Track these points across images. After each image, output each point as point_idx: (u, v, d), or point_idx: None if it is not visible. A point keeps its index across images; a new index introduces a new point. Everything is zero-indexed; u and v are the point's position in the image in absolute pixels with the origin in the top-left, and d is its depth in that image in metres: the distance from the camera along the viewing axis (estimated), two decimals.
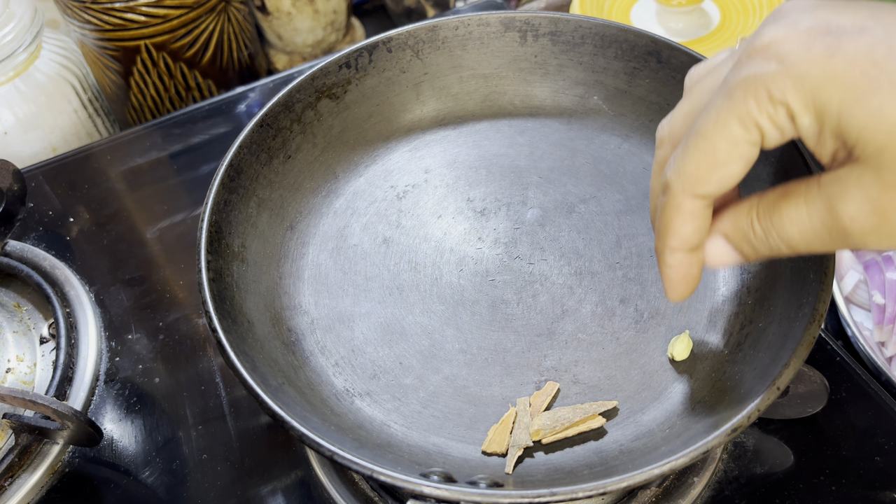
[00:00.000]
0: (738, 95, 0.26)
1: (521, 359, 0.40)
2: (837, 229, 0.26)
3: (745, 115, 0.26)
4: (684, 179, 0.28)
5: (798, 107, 0.25)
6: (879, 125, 0.24)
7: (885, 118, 0.24)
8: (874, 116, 0.24)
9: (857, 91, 0.24)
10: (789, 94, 0.25)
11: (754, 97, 0.26)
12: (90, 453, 0.46)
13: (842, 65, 0.24)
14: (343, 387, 0.39)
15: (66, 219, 0.58)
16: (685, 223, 0.29)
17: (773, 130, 0.26)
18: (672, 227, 0.30)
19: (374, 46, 0.49)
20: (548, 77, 0.50)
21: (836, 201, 0.26)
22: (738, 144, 0.27)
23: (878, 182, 0.25)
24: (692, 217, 0.29)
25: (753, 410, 0.32)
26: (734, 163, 0.27)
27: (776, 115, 0.26)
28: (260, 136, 0.45)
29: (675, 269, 0.31)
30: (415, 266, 0.44)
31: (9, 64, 0.64)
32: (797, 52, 0.25)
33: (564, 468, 0.36)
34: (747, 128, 0.26)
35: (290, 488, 0.43)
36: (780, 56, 0.25)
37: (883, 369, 0.46)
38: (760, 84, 0.25)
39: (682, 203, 0.29)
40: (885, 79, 0.24)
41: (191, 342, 0.50)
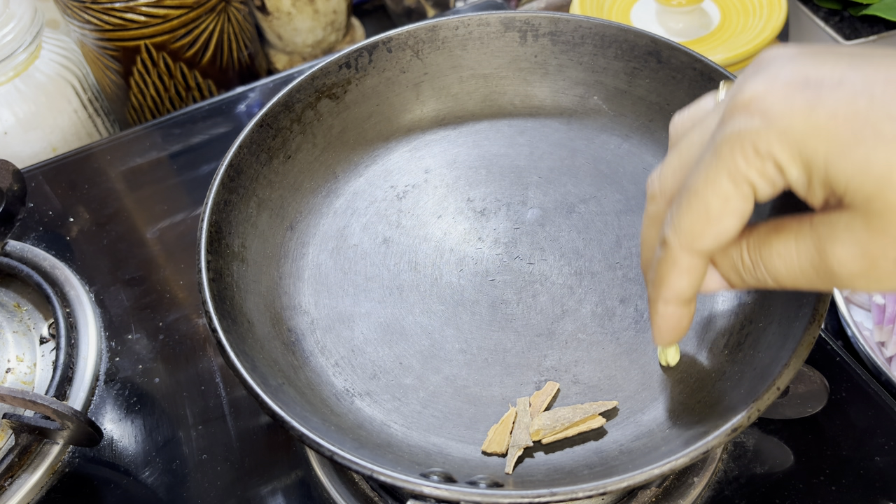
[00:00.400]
0: (726, 152, 0.26)
1: (521, 359, 0.40)
2: (825, 270, 0.26)
3: (734, 171, 0.26)
4: (681, 236, 0.29)
5: (785, 160, 0.25)
6: (866, 176, 0.24)
7: (871, 169, 0.24)
8: (860, 167, 0.24)
9: (842, 143, 0.24)
10: (775, 149, 0.25)
11: (741, 153, 0.26)
12: (90, 453, 0.46)
13: (824, 117, 0.24)
14: (343, 387, 0.39)
15: (66, 219, 0.58)
16: (681, 278, 0.30)
17: (763, 184, 0.27)
18: (668, 280, 0.30)
19: (374, 46, 0.49)
20: (548, 77, 0.50)
21: (825, 243, 0.26)
22: (730, 200, 0.27)
23: (868, 229, 0.25)
24: (688, 272, 0.30)
25: (753, 410, 0.32)
26: (728, 218, 0.28)
27: (765, 169, 0.26)
28: (260, 136, 0.45)
29: (666, 319, 0.32)
30: (415, 266, 0.44)
31: (9, 64, 0.65)
32: (779, 107, 0.25)
33: (564, 468, 0.36)
34: (737, 183, 0.27)
35: (290, 488, 0.43)
36: (762, 111, 0.25)
37: (883, 369, 0.46)
38: (746, 140, 0.26)
39: (680, 259, 0.30)
40: (869, 129, 0.24)
41: (191, 342, 0.50)
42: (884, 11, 0.66)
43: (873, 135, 0.24)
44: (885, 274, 0.25)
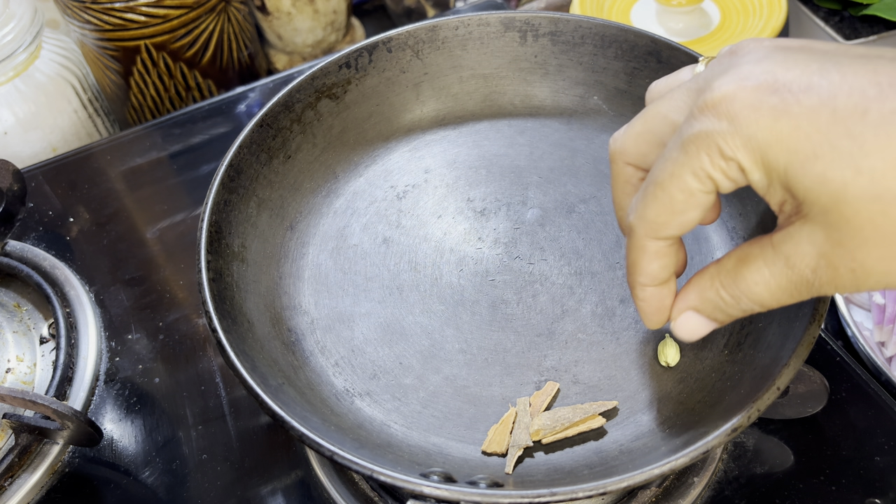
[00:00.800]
0: (692, 150, 0.27)
1: (521, 359, 0.40)
2: (802, 283, 0.28)
3: (698, 169, 0.27)
4: (646, 224, 0.30)
5: (748, 164, 0.26)
6: (823, 189, 0.25)
7: (828, 183, 0.25)
8: (818, 181, 0.25)
9: (801, 155, 0.25)
10: (739, 153, 0.26)
11: (707, 153, 0.27)
12: (90, 453, 0.46)
13: (787, 128, 0.25)
14: (343, 387, 0.39)
15: (66, 219, 0.58)
16: (651, 262, 0.31)
17: (725, 181, 0.28)
18: (639, 265, 0.32)
19: (374, 46, 0.49)
20: (548, 77, 0.50)
21: (794, 259, 0.27)
22: (694, 195, 0.28)
23: (827, 240, 0.26)
24: (657, 256, 0.31)
25: (753, 410, 0.32)
26: (691, 211, 0.29)
27: (728, 170, 0.27)
28: (260, 136, 0.45)
29: (647, 301, 0.33)
30: (415, 266, 0.44)
31: (9, 64, 0.65)
32: (746, 114, 0.26)
33: (564, 468, 0.36)
34: (701, 180, 0.28)
35: (290, 488, 0.43)
36: (730, 115, 0.26)
37: (883, 369, 0.46)
38: (712, 141, 0.27)
39: (646, 245, 0.31)
40: (828, 145, 0.25)
41: (191, 342, 0.50)
42: (884, 11, 0.66)
43: (831, 151, 0.25)
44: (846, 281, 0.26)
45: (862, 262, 0.26)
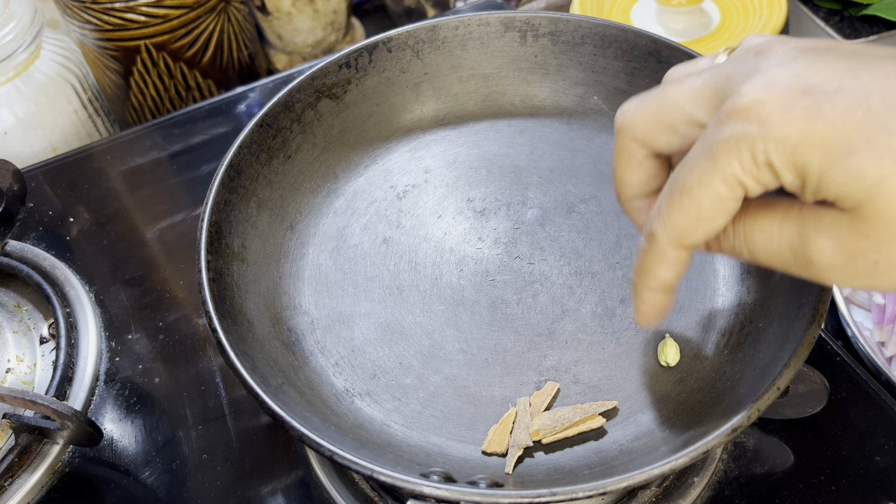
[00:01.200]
0: (722, 156, 0.27)
1: (521, 359, 0.40)
2: (803, 257, 0.27)
3: (729, 175, 0.27)
4: (671, 232, 0.29)
5: (781, 167, 0.26)
6: (858, 184, 0.25)
7: (863, 178, 0.25)
8: (852, 176, 0.25)
9: (837, 153, 0.25)
10: (772, 156, 0.26)
11: (738, 159, 0.27)
12: (90, 453, 0.46)
13: (821, 129, 0.25)
14: (343, 387, 0.39)
15: (66, 219, 0.58)
16: (668, 269, 0.31)
17: (756, 186, 0.27)
18: (655, 271, 0.31)
19: (374, 46, 0.49)
20: (548, 77, 0.50)
21: (809, 232, 0.27)
22: (724, 202, 0.28)
23: (852, 229, 0.26)
24: (675, 265, 0.31)
25: (753, 410, 0.32)
26: (720, 218, 0.28)
27: (759, 175, 0.27)
28: (260, 136, 0.45)
29: (651, 305, 0.33)
30: (415, 266, 0.44)
31: (9, 64, 0.65)
32: (777, 116, 0.26)
33: (564, 468, 0.36)
34: (731, 187, 0.27)
35: (290, 488, 0.43)
36: (760, 119, 0.26)
37: (883, 369, 0.46)
38: (744, 146, 0.26)
39: (667, 253, 0.30)
40: (863, 140, 0.25)
41: (191, 342, 0.50)
42: (884, 11, 0.66)
43: (867, 146, 0.24)
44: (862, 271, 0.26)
45: (887, 254, 0.25)
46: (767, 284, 0.39)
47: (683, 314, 0.41)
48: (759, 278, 0.40)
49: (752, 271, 0.41)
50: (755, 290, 0.40)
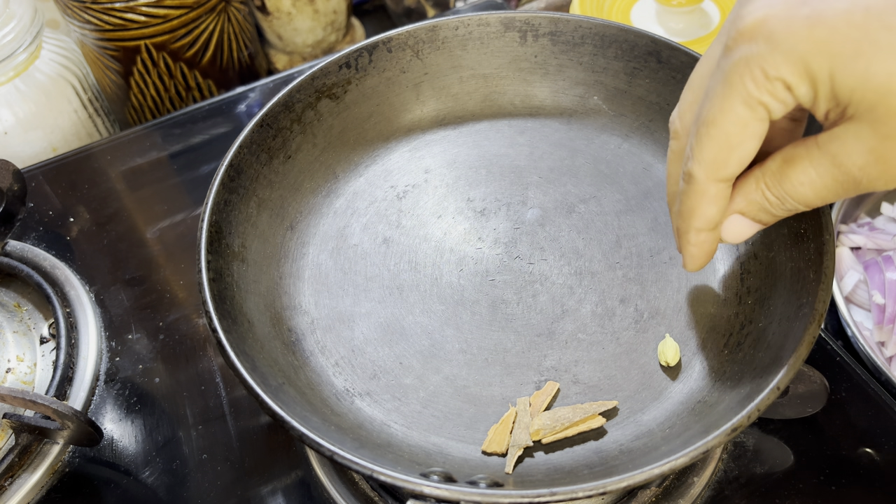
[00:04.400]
0: (736, 79, 0.28)
1: (521, 359, 0.40)
2: (849, 180, 0.28)
3: (746, 96, 0.28)
4: (706, 167, 0.30)
5: (793, 79, 0.27)
6: (868, 85, 0.25)
7: (872, 78, 0.25)
8: (862, 78, 0.25)
9: (844, 56, 0.25)
10: (783, 69, 0.26)
11: (751, 78, 0.27)
12: (90, 453, 0.46)
13: (825, 33, 0.26)
14: (343, 387, 0.39)
15: (66, 219, 0.58)
16: (710, 206, 0.31)
17: (775, 104, 0.28)
18: (698, 210, 0.32)
19: (374, 46, 0.49)
20: (548, 77, 0.50)
21: (841, 158, 0.28)
22: (749, 124, 0.28)
23: (875, 134, 0.26)
24: (716, 200, 0.31)
25: (753, 410, 0.32)
26: (749, 141, 0.29)
27: (775, 90, 0.27)
28: (260, 136, 0.45)
29: (699, 246, 0.33)
30: (415, 266, 0.44)
31: (9, 64, 0.65)
32: (781, 29, 0.26)
33: (564, 468, 0.36)
34: (752, 107, 0.28)
35: (290, 488, 0.43)
36: (766, 35, 0.26)
37: (883, 369, 0.46)
38: (755, 65, 0.27)
39: (707, 189, 0.31)
40: (867, 41, 0.25)
41: (191, 342, 0.50)
42: None
43: (871, 46, 0.25)
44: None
45: None
46: (767, 284, 0.39)
47: (683, 314, 0.41)
48: (758, 278, 0.40)
49: (751, 271, 0.41)
50: (755, 291, 0.40)
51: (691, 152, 0.30)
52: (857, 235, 0.55)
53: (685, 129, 0.33)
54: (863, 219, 0.57)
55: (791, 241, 0.39)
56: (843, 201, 0.55)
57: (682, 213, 0.33)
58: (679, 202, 0.33)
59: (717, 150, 0.29)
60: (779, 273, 0.39)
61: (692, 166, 0.30)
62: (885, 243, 0.54)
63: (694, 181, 0.31)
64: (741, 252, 0.42)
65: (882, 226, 0.55)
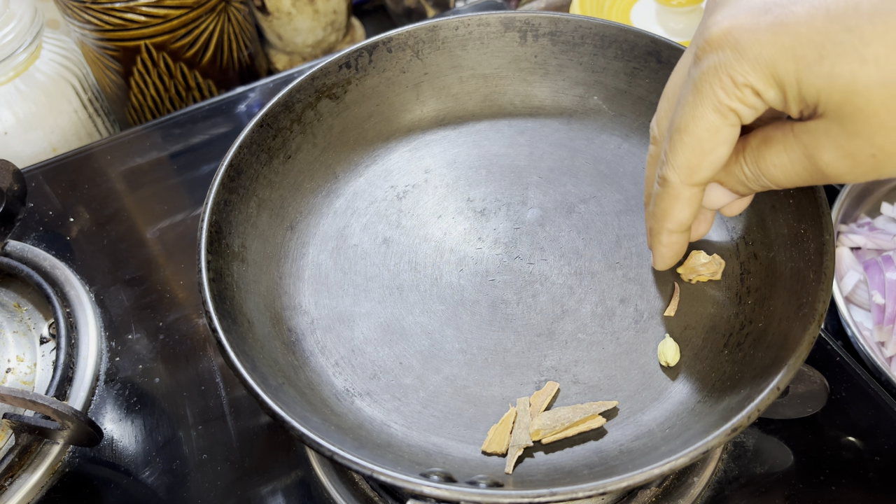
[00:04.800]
0: (706, 88, 0.29)
1: (521, 359, 0.40)
2: (817, 172, 0.29)
3: (717, 103, 0.29)
4: (680, 171, 0.31)
5: (761, 85, 0.28)
6: (834, 85, 0.26)
7: (837, 79, 0.26)
8: (828, 80, 0.26)
9: (808, 60, 0.26)
10: (750, 76, 0.27)
11: (721, 86, 0.28)
12: (90, 453, 0.46)
13: (788, 39, 0.26)
14: (343, 387, 0.39)
15: (66, 219, 0.58)
16: (683, 209, 0.33)
17: (745, 109, 0.29)
18: (671, 213, 0.33)
19: (374, 46, 0.49)
20: (548, 77, 0.50)
21: (812, 150, 0.29)
22: (720, 130, 0.29)
23: (843, 132, 0.27)
24: (689, 203, 0.33)
25: (753, 410, 0.32)
26: (721, 147, 0.30)
27: (744, 97, 0.28)
28: (260, 136, 0.45)
29: (670, 247, 0.35)
30: (415, 266, 0.44)
31: (9, 64, 0.65)
32: (747, 38, 0.27)
33: (564, 468, 0.36)
34: (723, 114, 0.29)
35: (290, 488, 0.43)
36: (732, 44, 0.27)
37: (883, 369, 0.46)
38: (723, 73, 0.28)
39: (681, 192, 0.32)
40: (830, 44, 0.26)
41: (191, 342, 0.50)
42: None
43: (833, 48, 0.26)
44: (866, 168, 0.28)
45: (881, 146, 0.27)
46: (767, 284, 0.39)
47: (683, 314, 0.41)
48: (758, 278, 0.40)
49: (751, 271, 0.41)
50: (755, 291, 0.40)
51: (665, 157, 0.32)
52: (857, 235, 0.55)
53: (662, 135, 0.34)
54: (863, 219, 0.57)
55: (791, 241, 0.39)
56: (844, 201, 0.55)
57: (656, 214, 0.34)
58: (653, 204, 0.34)
59: (690, 156, 0.30)
60: (779, 273, 0.39)
61: (666, 171, 0.32)
62: (885, 243, 0.54)
63: (668, 185, 0.32)
64: (741, 252, 0.42)
65: (882, 226, 0.55)
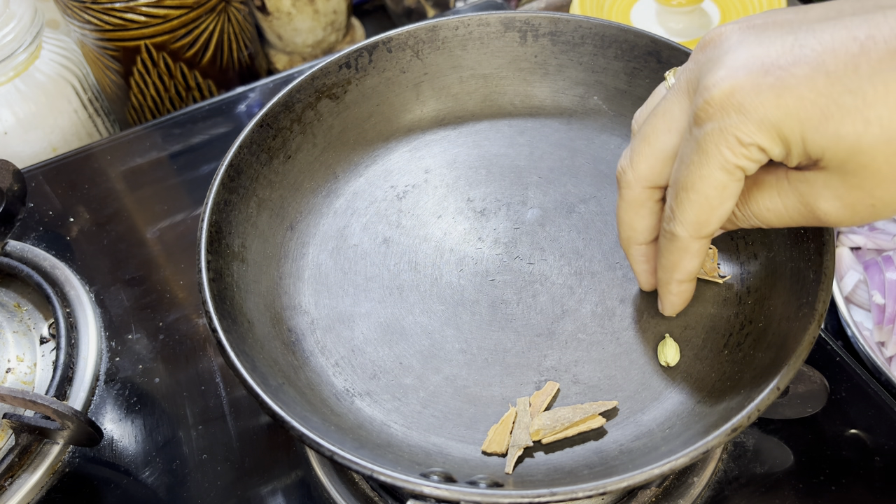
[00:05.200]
0: (712, 149, 0.29)
1: (521, 359, 0.40)
2: (812, 217, 0.30)
3: (724, 162, 0.29)
4: (689, 227, 0.32)
5: (767, 143, 0.29)
6: (839, 145, 0.27)
7: (843, 139, 0.27)
8: (833, 140, 0.27)
9: (813, 120, 0.27)
10: (756, 137, 0.28)
11: (727, 146, 0.29)
12: (90, 453, 0.46)
13: (792, 101, 0.27)
14: (343, 387, 0.39)
15: (66, 219, 0.58)
16: (692, 261, 0.34)
17: (750, 165, 0.30)
18: (680, 265, 0.34)
19: (374, 46, 0.49)
20: (548, 77, 0.50)
21: (809, 199, 0.30)
22: (727, 186, 0.30)
23: (844, 184, 0.28)
24: (698, 255, 0.34)
25: (753, 410, 0.32)
26: (728, 201, 0.31)
27: (750, 154, 0.29)
28: (260, 136, 0.45)
29: (680, 295, 0.37)
30: (415, 266, 0.44)
31: (9, 64, 0.65)
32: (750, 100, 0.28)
33: (564, 468, 0.36)
34: (730, 172, 0.30)
35: (290, 488, 0.43)
36: (736, 107, 0.28)
37: (883, 369, 0.46)
38: (728, 134, 0.29)
39: (690, 246, 0.33)
40: (834, 105, 0.27)
41: (191, 342, 0.50)
42: None
43: (838, 110, 0.27)
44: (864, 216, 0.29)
45: (881, 197, 0.28)
46: (767, 284, 0.39)
47: (683, 314, 0.41)
48: (758, 278, 0.40)
49: (751, 271, 0.41)
50: (755, 291, 0.40)
51: (672, 214, 0.32)
52: (857, 235, 0.55)
53: (638, 179, 0.35)
54: None
55: (791, 241, 0.39)
56: None
57: (665, 266, 0.35)
58: (661, 257, 0.35)
59: (698, 213, 0.31)
60: (779, 273, 0.39)
61: (675, 227, 0.33)
62: (885, 243, 0.54)
63: (677, 240, 0.33)
64: (741, 252, 0.42)
65: (882, 226, 0.55)
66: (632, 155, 0.35)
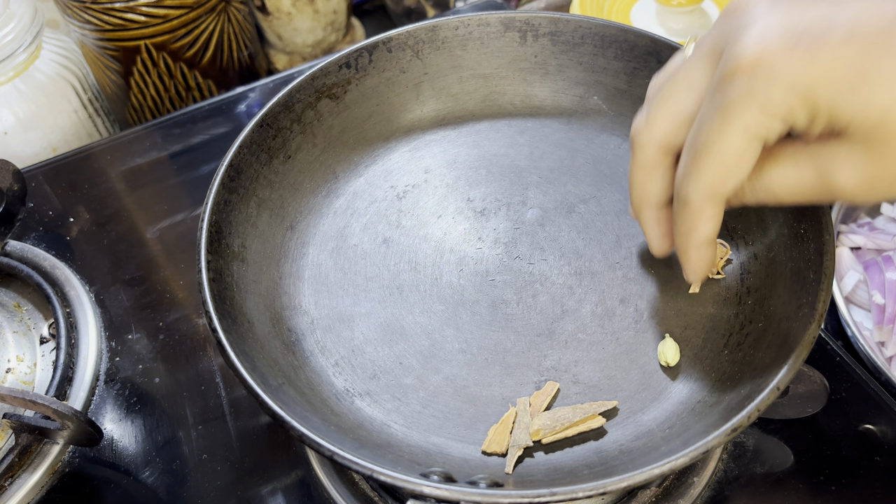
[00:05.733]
0: (735, 114, 0.29)
1: (521, 359, 0.40)
2: (826, 191, 0.29)
3: (745, 128, 0.29)
4: (705, 189, 0.31)
5: (795, 109, 0.28)
6: (867, 114, 0.27)
7: (872, 107, 0.27)
8: (862, 108, 0.27)
9: (843, 89, 0.27)
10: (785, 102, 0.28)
11: (750, 113, 0.28)
12: (90, 453, 0.46)
13: (823, 67, 0.27)
14: (343, 387, 0.39)
15: (66, 219, 0.58)
16: (709, 224, 0.33)
17: (772, 133, 0.29)
18: (697, 228, 0.33)
19: (374, 46, 0.49)
20: (548, 77, 0.50)
21: (827, 170, 0.29)
22: (745, 153, 0.30)
23: (867, 157, 0.28)
24: (715, 218, 0.33)
25: (753, 410, 0.32)
26: (745, 166, 0.30)
27: (773, 124, 0.28)
28: (260, 136, 0.45)
29: (700, 261, 0.35)
30: (415, 266, 0.44)
31: (9, 64, 0.65)
32: (781, 62, 0.27)
33: (564, 468, 0.36)
34: (750, 139, 0.29)
35: (290, 488, 0.43)
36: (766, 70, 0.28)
37: (883, 369, 0.46)
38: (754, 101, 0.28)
39: (704, 209, 0.32)
40: (862, 75, 0.26)
41: (191, 342, 0.50)
42: None
43: (867, 79, 0.26)
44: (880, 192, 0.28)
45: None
46: (767, 284, 0.39)
47: (683, 314, 0.41)
48: (758, 278, 0.40)
49: (751, 271, 0.41)
50: (755, 291, 0.40)
51: (686, 177, 0.32)
52: (857, 235, 0.55)
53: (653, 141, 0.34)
54: (863, 219, 0.57)
55: (791, 241, 0.39)
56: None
57: (682, 233, 0.34)
58: (676, 223, 0.34)
59: (713, 176, 0.31)
60: (779, 273, 0.39)
61: (689, 190, 0.32)
62: (885, 243, 0.54)
63: (691, 203, 0.32)
64: (741, 252, 0.42)
65: (882, 226, 0.55)
66: (648, 116, 0.34)
